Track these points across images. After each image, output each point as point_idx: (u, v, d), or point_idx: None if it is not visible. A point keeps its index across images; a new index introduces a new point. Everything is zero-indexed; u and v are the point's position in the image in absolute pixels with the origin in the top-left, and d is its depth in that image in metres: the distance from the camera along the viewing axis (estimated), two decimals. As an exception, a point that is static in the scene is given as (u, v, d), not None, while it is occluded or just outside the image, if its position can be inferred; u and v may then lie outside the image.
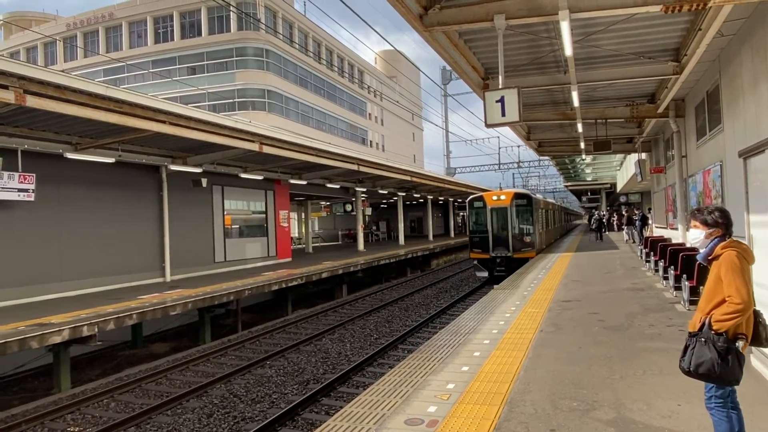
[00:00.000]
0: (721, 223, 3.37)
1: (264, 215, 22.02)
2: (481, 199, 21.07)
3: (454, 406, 4.75)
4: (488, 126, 8.23)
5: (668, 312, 8.60)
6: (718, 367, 3.11)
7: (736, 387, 3.29)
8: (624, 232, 27.50)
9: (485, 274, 20.58)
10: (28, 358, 10.63)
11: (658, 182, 21.08)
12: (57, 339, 9.12)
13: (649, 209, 27.33)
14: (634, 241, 24.97)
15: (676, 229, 15.83)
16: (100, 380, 10.30)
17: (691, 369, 3.23)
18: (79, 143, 13.26)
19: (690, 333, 3.34)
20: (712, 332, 3.18)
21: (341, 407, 5.06)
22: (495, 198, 20.80)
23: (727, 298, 3.14)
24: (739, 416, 3.27)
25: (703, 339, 3.21)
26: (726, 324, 3.12)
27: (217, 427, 7.74)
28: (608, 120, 15.42)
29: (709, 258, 3.35)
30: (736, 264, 3.16)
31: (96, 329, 9.76)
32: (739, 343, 3.15)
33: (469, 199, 21.60)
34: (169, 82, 43.03)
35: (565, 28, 7.63)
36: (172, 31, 47.07)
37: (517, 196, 20.85)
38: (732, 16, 7.63)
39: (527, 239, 20.12)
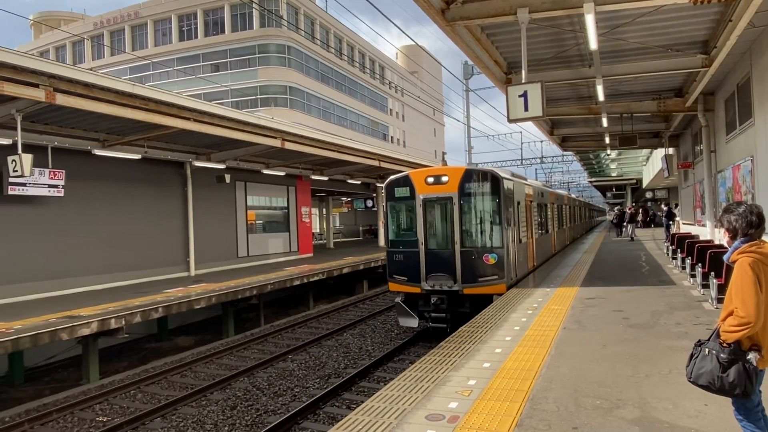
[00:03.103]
0: (736, 227, 3.16)
1: (286, 211, 22.21)
2: (406, 182, 11.74)
3: (475, 403, 4.74)
4: (511, 121, 8.18)
5: (695, 310, 8.43)
6: (718, 380, 2.97)
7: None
8: (629, 228, 26.98)
9: (414, 322, 11.61)
10: (58, 350, 10.94)
11: (686, 178, 20.65)
12: (86, 331, 9.36)
13: (676, 205, 26.87)
14: (631, 239, 25.71)
15: (704, 225, 15.50)
16: (127, 372, 10.55)
17: (692, 379, 3.12)
18: (106, 140, 13.55)
19: (697, 342, 3.21)
20: (719, 342, 3.03)
21: (362, 401, 5.09)
22: (431, 180, 11.47)
23: (734, 310, 2.98)
24: None
25: (706, 350, 3.08)
26: (732, 336, 2.96)
27: (241, 420, 7.86)
28: (634, 114, 15.15)
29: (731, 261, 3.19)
30: (747, 274, 2.96)
31: (123, 322, 9.98)
32: (751, 356, 2.96)
33: (387, 182, 12.21)
34: (193, 79, 43.63)
35: (590, 21, 7.52)
36: (196, 28, 47.67)
37: (471, 176, 11.28)
38: (764, 7, 7.42)
39: (490, 260, 10.95)
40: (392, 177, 12.12)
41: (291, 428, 7.43)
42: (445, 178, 11.36)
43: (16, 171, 10.57)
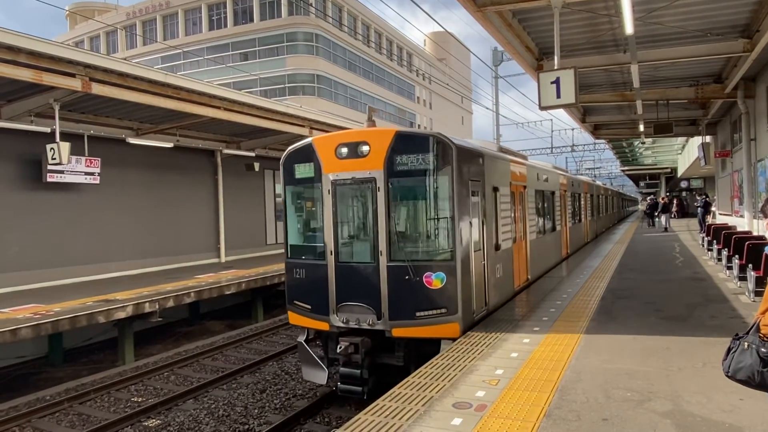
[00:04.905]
0: None
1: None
2: (309, 155, 7.69)
3: (503, 392, 4.73)
4: (542, 108, 8.03)
5: (731, 303, 8.20)
6: (758, 375, 2.88)
7: None
8: (662, 219, 26.33)
9: (321, 377, 7.70)
10: (95, 332, 11.32)
11: (723, 167, 19.99)
12: (122, 314, 9.66)
13: (707, 195, 26.15)
14: (665, 230, 25.32)
15: (742, 216, 15.02)
16: (161, 354, 10.86)
17: (730, 374, 3.03)
18: (139, 129, 13.85)
19: (735, 335, 3.11)
20: (759, 336, 2.92)
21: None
22: (344, 151, 7.36)
23: None
24: None
25: (746, 343, 2.97)
26: None
27: (270, 403, 8.03)
28: (670, 101, 14.68)
29: None
30: None
31: (157, 306, 10.26)
32: None
33: (284, 155, 8.04)
34: (223, 68, 44.10)
35: (625, 4, 7.30)
36: (226, 17, 48.10)
37: (406, 143, 7.13)
38: (812, -13, 7.07)
39: (434, 282, 6.81)
40: (291, 147, 8.00)
41: (318, 413, 7.54)
42: (365, 148, 7.19)
43: (55, 159, 10.90)
